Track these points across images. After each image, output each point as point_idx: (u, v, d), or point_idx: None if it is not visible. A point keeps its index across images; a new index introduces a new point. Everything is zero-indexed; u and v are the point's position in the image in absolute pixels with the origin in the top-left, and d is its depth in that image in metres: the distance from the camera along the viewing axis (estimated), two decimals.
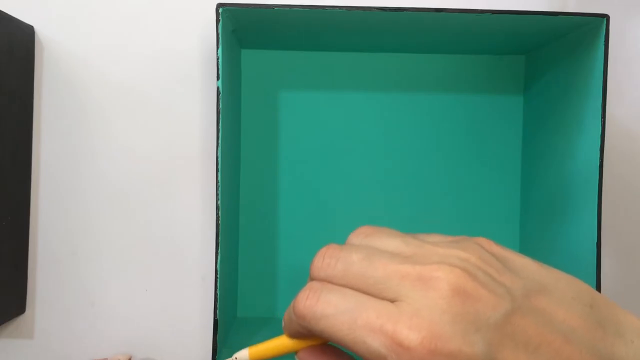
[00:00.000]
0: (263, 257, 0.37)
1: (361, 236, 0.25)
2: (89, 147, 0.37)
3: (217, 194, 0.29)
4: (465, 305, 0.20)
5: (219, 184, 0.29)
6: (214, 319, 0.29)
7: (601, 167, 0.29)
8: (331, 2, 0.36)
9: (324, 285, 0.23)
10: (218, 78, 0.29)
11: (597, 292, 0.23)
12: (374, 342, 0.20)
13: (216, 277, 0.29)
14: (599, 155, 0.29)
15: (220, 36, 0.29)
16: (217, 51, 0.29)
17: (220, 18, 0.29)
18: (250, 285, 0.37)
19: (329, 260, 0.24)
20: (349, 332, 0.21)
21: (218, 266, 0.29)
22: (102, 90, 0.37)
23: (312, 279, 0.24)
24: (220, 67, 0.29)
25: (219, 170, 0.29)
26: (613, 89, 0.37)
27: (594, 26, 0.29)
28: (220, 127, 0.29)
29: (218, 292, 0.29)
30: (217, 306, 0.29)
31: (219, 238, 0.29)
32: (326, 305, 0.22)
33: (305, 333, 0.24)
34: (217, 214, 0.29)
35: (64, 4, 0.36)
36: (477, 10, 0.28)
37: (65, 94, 0.37)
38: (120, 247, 0.37)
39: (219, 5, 0.28)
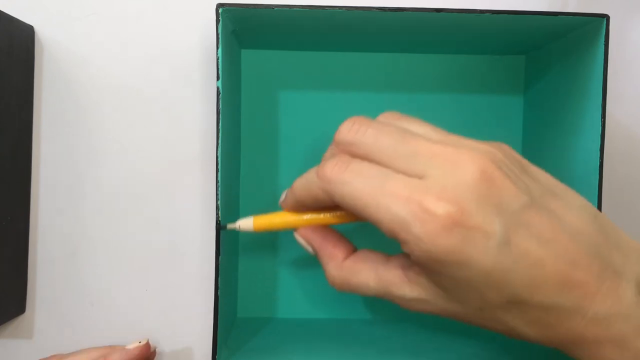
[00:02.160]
0: (263, 257, 0.37)
1: (391, 118, 0.25)
2: (89, 147, 0.37)
3: (217, 194, 0.29)
4: (490, 190, 0.21)
5: (219, 184, 0.29)
6: (214, 319, 0.29)
7: (601, 168, 0.29)
8: (331, 2, 0.36)
9: (353, 158, 0.23)
10: (218, 78, 0.29)
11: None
12: (400, 209, 0.21)
13: (216, 277, 0.29)
14: (599, 156, 0.29)
15: (220, 36, 0.29)
16: (217, 51, 0.29)
17: (220, 18, 0.29)
18: (250, 285, 0.37)
19: (358, 126, 0.24)
20: (374, 197, 0.22)
21: (218, 266, 0.29)
22: (102, 90, 0.37)
23: (337, 143, 0.24)
24: (220, 67, 0.29)
25: (219, 170, 0.29)
26: (613, 89, 0.37)
27: (594, 26, 0.29)
28: (220, 127, 0.29)
29: (218, 292, 0.29)
30: (217, 306, 0.29)
31: (219, 238, 0.29)
32: (355, 173, 0.23)
33: (321, 198, 0.24)
34: (217, 214, 0.29)
35: (64, 4, 0.36)
36: (477, 10, 0.28)
37: (65, 94, 0.37)
38: (120, 247, 0.37)
39: (219, 5, 0.28)
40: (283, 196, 0.27)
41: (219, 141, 0.29)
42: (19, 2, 0.36)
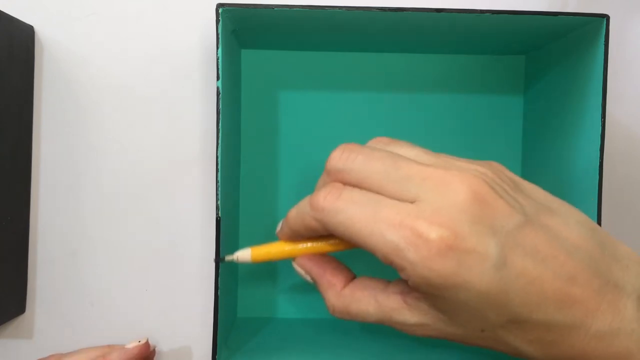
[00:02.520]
0: None
1: (381, 143, 0.25)
2: (88, 147, 0.37)
3: (217, 194, 0.29)
4: (484, 211, 0.21)
5: (219, 184, 0.29)
6: (214, 319, 0.29)
7: (601, 168, 0.29)
8: (331, 2, 0.36)
9: (345, 186, 0.23)
10: (218, 78, 0.29)
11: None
12: (393, 236, 0.21)
13: (216, 277, 0.29)
14: (599, 156, 0.29)
15: (220, 36, 0.29)
16: (217, 51, 0.29)
17: (220, 18, 0.29)
18: (250, 285, 0.37)
19: (348, 153, 0.24)
20: (367, 224, 0.22)
21: (218, 266, 0.29)
22: (102, 90, 0.37)
23: (328, 172, 0.24)
24: (220, 67, 0.29)
25: (219, 170, 0.29)
26: (613, 89, 0.37)
27: (594, 26, 0.29)
28: (220, 127, 0.29)
29: (218, 292, 0.29)
30: (217, 306, 0.29)
31: (219, 238, 0.29)
32: (347, 201, 0.22)
33: (315, 228, 0.24)
34: (217, 213, 0.29)
35: (64, 4, 0.36)
36: (477, 10, 0.28)
37: (65, 94, 0.37)
38: (120, 247, 0.37)
39: (219, 5, 0.28)
40: (279, 226, 0.27)
41: (219, 141, 0.29)
42: (19, 2, 0.36)
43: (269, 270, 0.37)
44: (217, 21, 0.28)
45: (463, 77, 0.38)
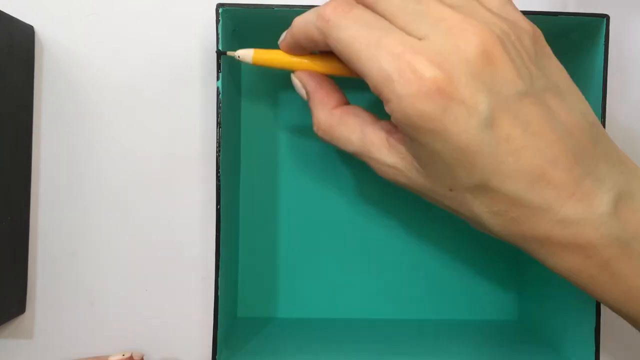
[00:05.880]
0: (263, 257, 0.37)
1: None
2: (89, 147, 0.37)
3: (217, 194, 0.29)
4: (486, 67, 0.20)
5: (219, 184, 0.29)
6: (214, 319, 0.29)
7: None
8: None
9: (357, 4, 0.22)
10: (218, 78, 0.29)
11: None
12: (388, 65, 0.20)
13: (216, 277, 0.29)
14: None
15: (220, 36, 0.29)
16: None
17: (220, 18, 0.29)
18: (250, 285, 0.37)
19: None
20: (366, 47, 0.21)
21: (218, 266, 0.29)
22: (102, 91, 0.37)
23: None
24: (220, 67, 0.29)
25: (219, 170, 0.29)
26: (613, 89, 0.37)
27: (594, 26, 0.29)
28: (220, 127, 0.29)
29: (218, 292, 0.29)
30: (217, 306, 0.29)
31: (219, 238, 0.29)
32: (355, 19, 0.22)
33: (316, 40, 0.23)
34: (218, 214, 0.29)
35: (64, 4, 0.36)
36: None
37: (65, 94, 0.37)
38: (120, 247, 0.37)
39: (219, 6, 0.28)
40: (282, 36, 0.27)
41: (219, 141, 0.29)
42: (19, 2, 0.36)
43: (269, 269, 0.37)
44: (217, 21, 0.29)
45: None
